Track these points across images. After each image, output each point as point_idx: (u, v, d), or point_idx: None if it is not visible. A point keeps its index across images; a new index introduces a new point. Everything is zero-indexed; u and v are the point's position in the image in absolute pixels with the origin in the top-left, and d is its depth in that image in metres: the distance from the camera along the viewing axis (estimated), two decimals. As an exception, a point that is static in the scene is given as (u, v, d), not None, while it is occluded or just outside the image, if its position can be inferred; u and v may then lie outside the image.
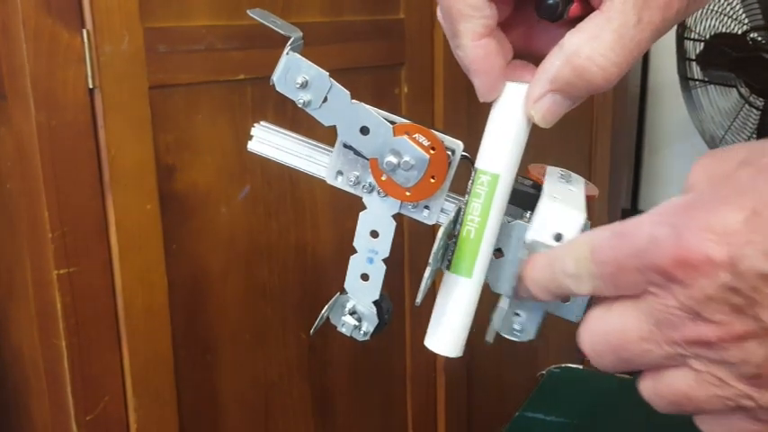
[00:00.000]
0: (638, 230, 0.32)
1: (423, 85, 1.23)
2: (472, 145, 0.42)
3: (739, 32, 1.51)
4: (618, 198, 1.82)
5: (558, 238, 0.38)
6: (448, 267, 0.41)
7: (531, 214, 0.40)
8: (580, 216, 0.38)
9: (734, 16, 1.52)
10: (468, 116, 1.30)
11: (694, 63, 1.63)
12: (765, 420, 0.33)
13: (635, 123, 2.03)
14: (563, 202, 0.39)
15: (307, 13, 1.04)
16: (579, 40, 0.36)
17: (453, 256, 0.40)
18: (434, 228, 0.42)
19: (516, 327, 0.40)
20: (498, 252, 0.41)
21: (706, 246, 0.30)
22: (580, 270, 0.34)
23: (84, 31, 0.83)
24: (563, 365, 1.04)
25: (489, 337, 0.40)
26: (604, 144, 1.69)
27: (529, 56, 0.42)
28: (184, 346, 0.98)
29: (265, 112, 1.01)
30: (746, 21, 1.49)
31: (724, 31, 1.55)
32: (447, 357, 0.41)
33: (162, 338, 0.95)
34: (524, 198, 0.41)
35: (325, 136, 0.45)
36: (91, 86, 0.84)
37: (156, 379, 0.95)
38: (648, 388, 0.35)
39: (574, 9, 0.38)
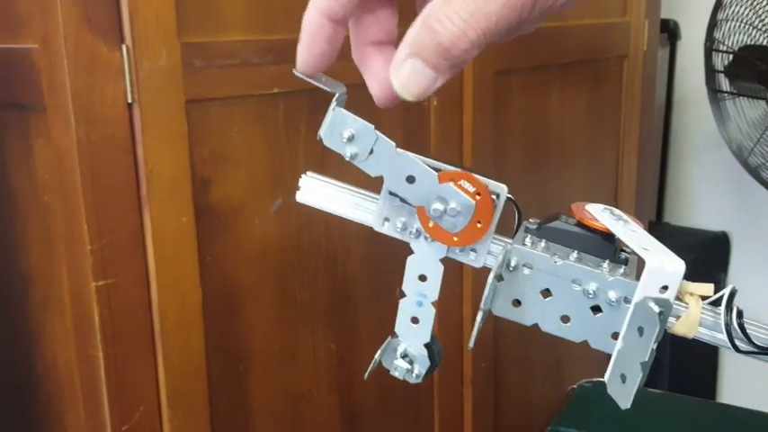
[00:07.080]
0: None
1: (452, 97, 1.23)
2: (500, 153, 0.42)
3: (768, 45, 1.51)
4: (643, 210, 1.81)
5: (665, 289, 0.38)
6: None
7: (610, 264, 0.40)
8: (681, 265, 0.38)
9: (762, 29, 1.52)
10: (497, 129, 1.31)
11: (722, 75, 1.62)
12: None
13: (660, 135, 2.02)
14: (658, 253, 0.39)
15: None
16: (435, 4, 0.36)
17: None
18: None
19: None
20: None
21: None
22: None
23: (124, 47, 0.84)
24: (594, 380, 1.04)
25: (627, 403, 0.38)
26: (631, 156, 1.68)
27: None
28: (218, 358, 0.99)
29: (298, 126, 1.02)
30: (775, 33, 1.49)
31: (751, 43, 1.54)
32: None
33: (196, 350, 0.96)
34: (596, 245, 0.41)
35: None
36: (129, 101, 0.85)
37: (190, 390, 0.96)
38: None
39: None
